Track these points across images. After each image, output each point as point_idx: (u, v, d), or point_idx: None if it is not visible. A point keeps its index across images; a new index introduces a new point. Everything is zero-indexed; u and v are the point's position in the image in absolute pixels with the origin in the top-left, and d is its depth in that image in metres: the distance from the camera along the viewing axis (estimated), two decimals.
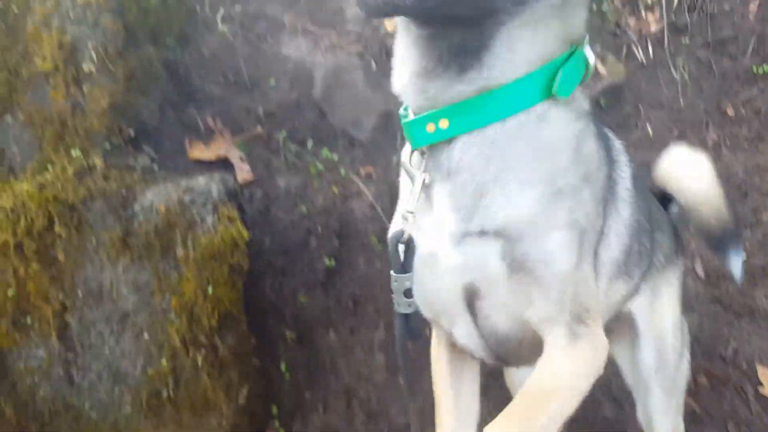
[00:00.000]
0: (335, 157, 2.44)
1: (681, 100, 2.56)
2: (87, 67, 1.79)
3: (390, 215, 2.46)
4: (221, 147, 2.16)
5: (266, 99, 2.42)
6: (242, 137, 2.31)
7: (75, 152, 1.80)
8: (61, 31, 1.78)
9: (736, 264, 1.45)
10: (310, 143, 2.45)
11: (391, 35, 2.74)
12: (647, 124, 2.55)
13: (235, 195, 2.02)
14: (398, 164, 1.08)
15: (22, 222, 1.73)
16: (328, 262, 2.23)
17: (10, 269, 1.81)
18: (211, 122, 2.14)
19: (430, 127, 0.89)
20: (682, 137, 2.44)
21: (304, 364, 2.19)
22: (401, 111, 0.97)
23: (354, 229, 2.38)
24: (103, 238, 1.78)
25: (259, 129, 2.37)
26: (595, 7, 3.01)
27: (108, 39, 1.81)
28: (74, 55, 1.78)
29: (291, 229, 2.23)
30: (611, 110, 2.84)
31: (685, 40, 2.68)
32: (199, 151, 2.08)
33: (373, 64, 2.63)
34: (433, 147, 0.91)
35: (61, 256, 1.81)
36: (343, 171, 2.50)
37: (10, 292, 1.81)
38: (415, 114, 0.92)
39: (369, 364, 2.19)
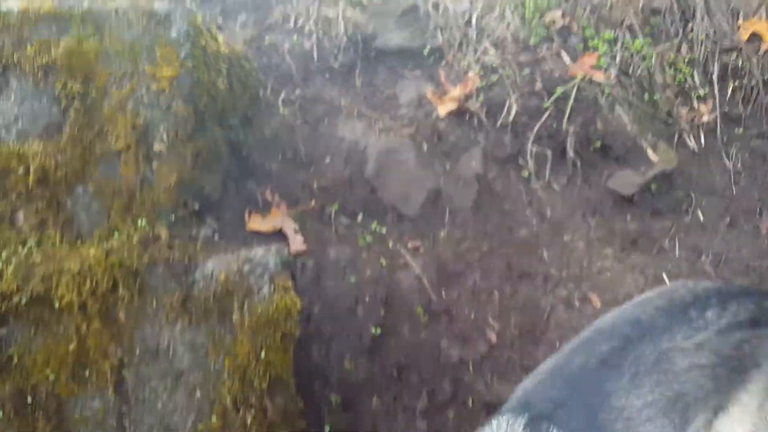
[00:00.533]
0: (384, 230, 2.51)
1: (733, 188, 2.54)
2: (158, 147, 1.95)
3: (435, 287, 2.49)
4: (277, 219, 2.26)
5: (321, 175, 2.54)
6: (297, 209, 2.42)
7: (141, 222, 1.93)
8: (135, 114, 1.94)
9: None
10: (360, 216, 2.54)
11: (443, 119, 2.87)
12: (698, 210, 2.53)
13: (288, 265, 2.09)
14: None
15: (88, 284, 1.84)
16: (374, 330, 2.25)
17: (73, 326, 1.89)
18: (269, 195, 2.26)
19: None
20: (733, 224, 2.41)
21: (347, 428, 2.19)
22: None
23: (400, 299, 2.40)
24: (164, 301, 1.87)
25: (312, 203, 2.48)
26: (647, 96, 3.08)
27: (179, 122, 1.96)
28: (146, 136, 1.93)
29: (340, 298, 2.28)
30: (662, 195, 2.84)
31: (739, 130, 2.69)
32: (257, 223, 2.18)
33: (424, 145, 2.74)
34: None
35: (122, 316, 1.90)
36: (390, 244, 2.56)
37: (71, 347, 1.90)
38: None
39: (410, 429, 2.18)
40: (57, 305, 1.83)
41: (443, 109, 2.88)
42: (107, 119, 1.94)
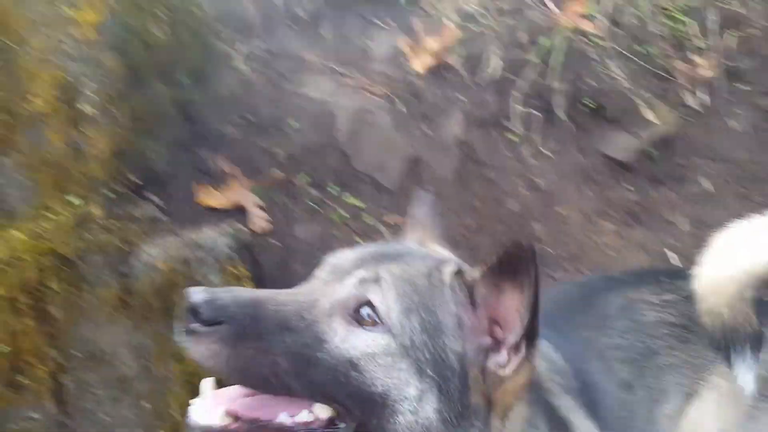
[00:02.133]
0: (359, 203, 2.24)
1: (741, 153, 2.33)
2: (87, 108, 1.62)
3: None
4: (236, 192, 1.96)
5: (286, 141, 2.24)
6: (259, 182, 2.12)
7: (75, 200, 1.62)
8: (59, 69, 1.61)
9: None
10: (332, 188, 2.26)
11: (420, 76, 2.57)
12: (705, 179, 2.33)
13: (247, 248, 1.82)
14: None
15: (16, 276, 1.55)
16: None
17: (3, 325, 1.62)
18: (224, 165, 1.95)
19: None
20: (743, 194, 2.21)
21: None
22: None
23: None
24: (101, 295, 1.59)
25: (276, 173, 2.18)
26: (641, 49, 2.81)
27: (109, 78, 1.64)
28: (73, 94, 1.62)
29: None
30: (663, 162, 2.61)
31: (744, 87, 2.47)
32: (210, 197, 1.88)
33: (401, 107, 2.45)
34: None
35: (56, 313, 1.63)
36: (367, 219, 2.30)
37: (4, 349, 1.63)
38: None
39: None
40: None
41: (419, 64, 2.58)
42: (29, 76, 1.61)
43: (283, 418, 0.85)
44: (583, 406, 1.21)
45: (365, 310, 0.86)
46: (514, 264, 0.84)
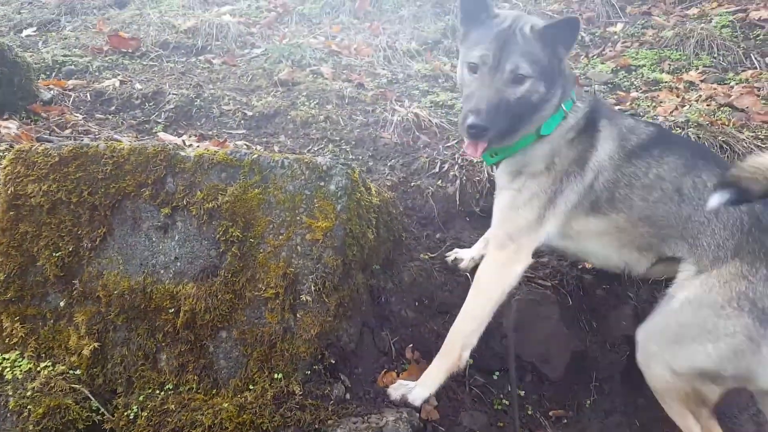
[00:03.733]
0: (522, 393, 2.13)
1: None
2: (305, 297, 1.78)
3: None
4: (413, 377, 1.97)
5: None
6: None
7: (277, 375, 1.73)
8: (287, 263, 1.81)
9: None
10: (496, 375, 2.18)
11: (587, 271, 2.51)
12: None
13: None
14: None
15: None
16: None
17: None
18: (408, 353, 1.99)
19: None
20: None
21: None
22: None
23: None
24: None
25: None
26: None
27: (327, 273, 1.79)
28: (295, 284, 1.78)
29: None
30: None
31: None
32: (392, 382, 1.91)
33: (569, 300, 2.39)
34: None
35: None
36: (530, 410, 2.16)
37: None
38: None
39: None
40: None
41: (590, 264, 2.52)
42: (260, 266, 1.82)
43: None
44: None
45: None
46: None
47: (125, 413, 1.74)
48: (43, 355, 1.85)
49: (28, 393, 1.70)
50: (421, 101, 3.50)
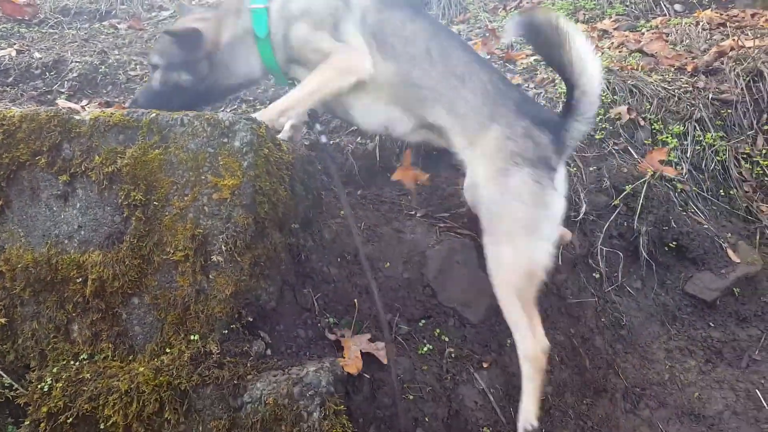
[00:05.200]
0: (445, 338, 2.25)
1: None
2: (216, 257, 1.80)
3: (503, 404, 2.16)
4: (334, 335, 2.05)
5: (380, 279, 2.34)
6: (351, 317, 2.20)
7: (194, 336, 1.76)
8: (195, 224, 1.81)
9: None
10: (420, 323, 2.29)
11: None
12: None
13: (342, 382, 1.86)
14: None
15: (134, 404, 1.66)
16: None
17: None
18: (332, 320, 2.06)
19: None
20: None
21: None
22: None
23: (464, 419, 2.10)
24: (210, 427, 1.66)
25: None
26: (723, 192, 2.76)
27: (238, 232, 1.81)
28: (205, 246, 1.79)
29: (397, 419, 2.00)
30: (747, 300, 2.47)
31: None
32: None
33: None
34: None
35: None
36: (453, 353, 2.29)
37: None
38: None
39: None
40: (102, 426, 1.65)
41: None
42: (167, 229, 1.82)
43: None
44: None
45: None
46: None
47: (39, 386, 1.73)
48: None
49: None
50: None
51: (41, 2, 4.06)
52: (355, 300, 2.20)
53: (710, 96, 3.04)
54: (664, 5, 4.01)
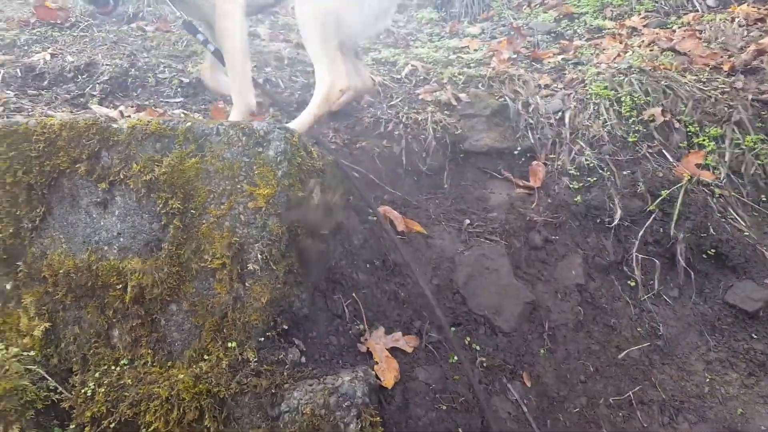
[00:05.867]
0: (477, 347, 2.26)
1: None
2: (252, 266, 1.84)
3: (537, 415, 2.16)
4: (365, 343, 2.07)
5: (409, 284, 2.36)
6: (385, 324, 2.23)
7: (231, 344, 1.80)
8: (232, 232, 1.85)
9: None
10: (450, 331, 2.30)
11: (537, 222, 2.64)
12: None
13: (376, 392, 1.88)
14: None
15: (175, 412, 1.70)
16: None
17: None
18: (363, 327, 2.09)
19: None
20: None
21: None
22: None
23: (497, 431, 2.10)
24: None
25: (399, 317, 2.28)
26: (765, 197, 2.71)
27: (273, 240, 1.84)
28: (241, 254, 1.83)
29: (429, 429, 2.01)
30: None
31: None
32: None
33: (518, 251, 2.51)
34: None
35: None
36: (485, 362, 2.30)
37: None
38: None
39: None
40: None
41: (539, 215, 2.65)
42: (204, 237, 1.86)
43: None
44: None
45: None
46: None
47: (83, 390, 1.79)
48: None
49: None
50: (362, 59, 3.51)
51: (72, 6, 4.15)
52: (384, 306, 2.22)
53: (750, 97, 2.98)
54: (696, 1, 3.94)
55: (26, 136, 1.96)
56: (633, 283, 2.53)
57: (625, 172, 2.80)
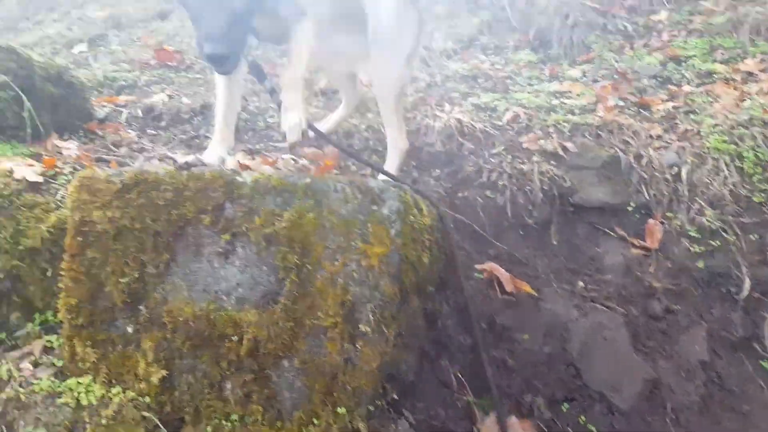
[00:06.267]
0: (593, 428, 2.11)
1: None
2: (363, 327, 1.82)
3: None
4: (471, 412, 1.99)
5: (517, 351, 2.25)
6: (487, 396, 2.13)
7: (341, 410, 1.78)
8: (344, 291, 1.84)
9: None
10: (564, 406, 2.17)
11: (656, 289, 2.46)
12: None
13: None
14: None
15: None
16: None
17: None
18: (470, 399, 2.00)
19: None
20: None
21: None
22: None
23: None
24: None
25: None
26: None
27: (385, 302, 1.82)
28: (353, 313, 1.81)
29: None
30: None
31: None
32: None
33: (636, 320, 2.35)
34: None
35: None
36: None
37: None
38: None
39: None
40: None
41: (657, 282, 2.48)
42: (319, 292, 1.87)
43: None
44: None
45: None
46: None
47: None
48: (114, 380, 1.95)
49: (103, 421, 1.80)
50: (462, 104, 3.49)
51: (186, 49, 4.44)
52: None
53: None
54: None
55: (155, 185, 2.06)
56: (767, 364, 2.29)
57: (752, 236, 2.57)
